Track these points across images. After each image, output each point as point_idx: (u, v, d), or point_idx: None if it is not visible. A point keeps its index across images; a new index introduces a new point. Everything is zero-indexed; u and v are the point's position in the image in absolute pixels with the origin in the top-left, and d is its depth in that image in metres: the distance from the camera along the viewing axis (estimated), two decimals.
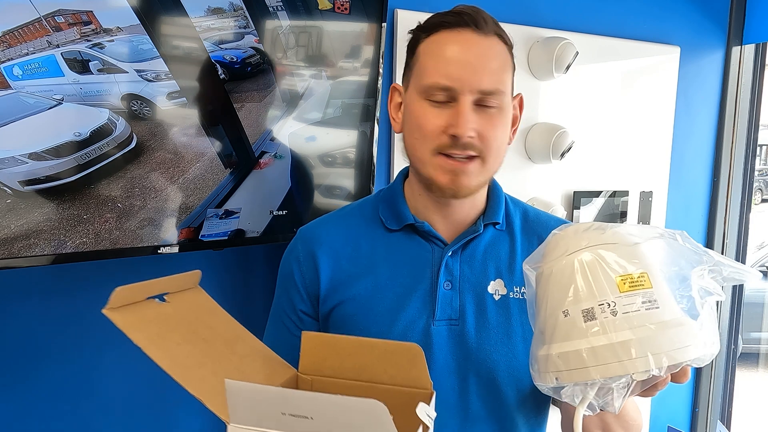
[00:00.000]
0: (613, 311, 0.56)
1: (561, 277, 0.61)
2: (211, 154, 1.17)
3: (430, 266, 0.89)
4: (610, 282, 0.57)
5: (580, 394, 0.60)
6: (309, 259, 0.92)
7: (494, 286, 0.89)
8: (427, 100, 0.84)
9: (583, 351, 0.57)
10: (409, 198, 0.93)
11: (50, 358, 1.21)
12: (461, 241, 0.90)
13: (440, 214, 0.90)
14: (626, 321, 0.56)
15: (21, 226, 0.98)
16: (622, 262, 0.58)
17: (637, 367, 0.55)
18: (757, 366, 3.97)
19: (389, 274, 0.89)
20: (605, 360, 0.56)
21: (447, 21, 0.84)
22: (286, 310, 0.94)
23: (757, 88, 2.07)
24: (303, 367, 0.68)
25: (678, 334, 0.56)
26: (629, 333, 0.55)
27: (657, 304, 0.56)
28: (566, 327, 0.59)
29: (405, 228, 0.91)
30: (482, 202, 0.93)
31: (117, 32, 1.02)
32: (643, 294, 0.56)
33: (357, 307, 0.89)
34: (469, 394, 0.87)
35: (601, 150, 1.82)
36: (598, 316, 0.57)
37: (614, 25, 1.81)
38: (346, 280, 0.90)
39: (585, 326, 0.57)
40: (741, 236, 2.12)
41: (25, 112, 0.97)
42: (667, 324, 0.56)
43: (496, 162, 0.87)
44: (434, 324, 0.87)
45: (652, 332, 0.55)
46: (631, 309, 0.56)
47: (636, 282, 0.57)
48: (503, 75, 0.85)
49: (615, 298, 0.56)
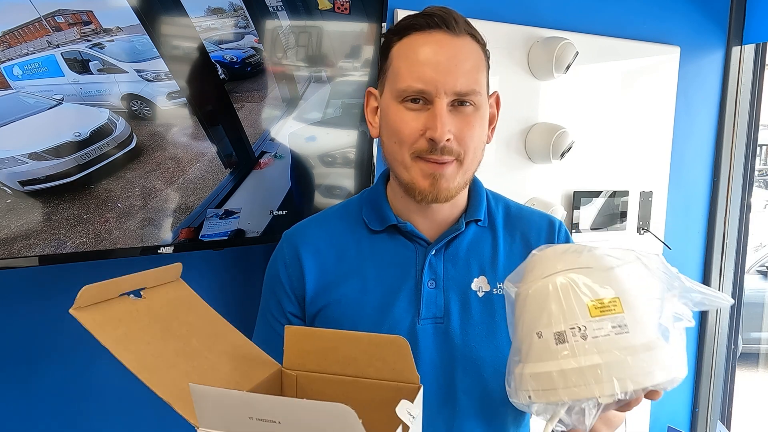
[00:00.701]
0: (583, 335, 0.58)
1: (536, 300, 0.63)
2: (211, 154, 1.17)
3: (414, 266, 0.90)
4: (581, 306, 0.59)
5: (550, 412, 0.62)
6: (295, 262, 0.92)
7: (477, 283, 0.90)
8: (403, 103, 0.84)
9: (553, 373, 0.59)
10: (391, 199, 0.94)
11: (50, 358, 1.21)
12: (444, 239, 0.90)
13: (422, 215, 0.91)
14: (595, 345, 0.58)
15: (21, 226, 0.98)
16: (595, 286, 0.60)
17: (604, 390, 0.57)
18: (757, 366, 3.97)
19: (374, 274, 0.90)
20: (574, 383, 0.58)
21: (417, 23, 0.84)
22: (274, 312, 0.95)
23: (757, 88, 2.07)
24: (287, 363, 0.67)
25: (645, 360, 0.57)
26: (597, 357, 0.57)
27: (627, 329, 0.58)
28: (539, 348, 0.61)
29: (388, 229, 0.92)
30: (463, 200, 0.93)
31: (117, 32, 1.02)
32: (613, 319, 0.58)
33: (344, 309, 0.89)
34: (456, 390, 0.88)
35: (601, 150, 1.82)
36: (569, 340, 0.59)
37: (614, 25, 1.81)
38: (332, 282, 0.91)
39: (556, 348, 0.59)
40: (741, 236, 2.12)
41: (25, 112, 0.97)
42: (636, 349, 0.58)
43: (473, 162, 0.88)
44: (420, 322, 0.88)
45: (619, 357, 0.57)
46: (600, 333, 0.58)
47: (607, 307, 0.59)
48: (477, 74, 0.85)
49: (585, 323, 0.58)
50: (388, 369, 0.61)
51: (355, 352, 0.63)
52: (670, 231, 1.99)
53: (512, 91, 1.64)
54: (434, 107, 0.82)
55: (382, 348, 0.61)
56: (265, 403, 0.48)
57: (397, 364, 0.60)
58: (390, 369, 0.61)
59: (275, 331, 0.94)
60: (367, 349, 0.62)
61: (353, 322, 0.88)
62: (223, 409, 0.50)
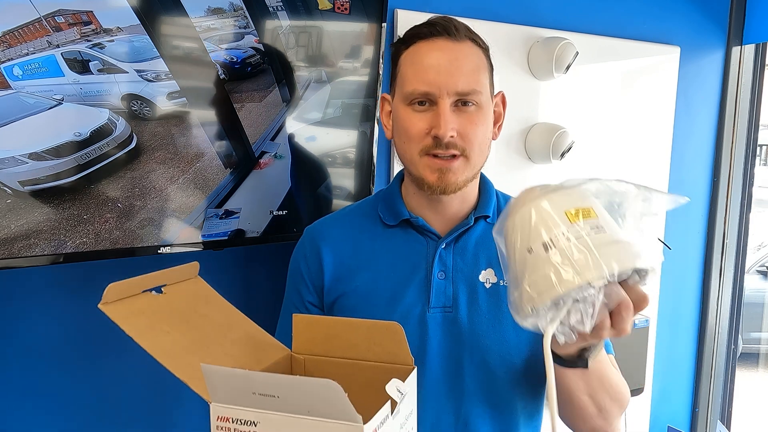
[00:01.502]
0: (567, 238, 0.67)
1: (521, 224, 0.71)
2: (211, 154, 1.17)
3: (425, 258, 0.96)
4: (561, 216, 0.68)
5: (552, 316, 0.69)
6: (314, 254, 0.99)
7: (485, 275, 0.95)
8: (410, 105, 0.91)
9: (548, 273, 0.67)
10: (405, 197, 1.00)
11: (50, 358, 1.21)
12: (454, 234, 0.96)
13: (433, 211, 0.97)
14: (580, 243, 0.66)
15: (21, 226, 0.98)
16: (568, 200, 0.69)
17: (594, 274, 0.65)
18: (757, 366, 3.97)
19: (387, 266, 0.96)
20: (567, 276, 0.66)
21: (421, 32, 0.92)
22: (295, 303, 1.01)
23: (757, 88, 2.07)
24: (296, 348, 0.73)
25: (624, 248, 0.67)
26: (584, 250, 0.66)
27: (604, 230, 0.67)
28: (532, 261, 0.69)
29: (401, 223, 0.98)
30: (473, 197, 0.99)
31: (117, 32, 1.02)
32: (589, 222, 0.67)
33: (358, 298, 0.96)
34: (464, 376, 0.93)
35: (601, 150, 1.82)
36: (556, 244, 0.67)
37: (614, 25, 1.81)
38: (348, 273, 0.97)
39: (547, 255, 0.67)
40: (741, 236, 2.12)
41: (25, 112, 0.97)
42: (615, 241, 0.67)
43: (480, 158, 0.94)
44: (429, 311, 0.94)
45: (603, 248, 0.66)
46: (583, 233, 0.67)
47: (582, 213, 0.68)
48: (478, 75, 0.91)
49: (567, 228, 0.67)
50: (384, 352, 0.67)
51: (355, 338, 0.69)
52: (670, 231, 1.99)
53: (512, 91, 1.62)
54: (438, 107, 0.89)
55: (379, 333, 0.68)
56: (266, 379, 0.55)
57: (393, 348, 0.67)
58: (386, 352, 0.67)
59: None
60: (366, 335, 0.68)
61: (367, 310, 0.94)
62: (230, 386, 0.56)
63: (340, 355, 0.70)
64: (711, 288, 2.12)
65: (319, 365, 0.72)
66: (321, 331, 0.72)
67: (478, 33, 0.94)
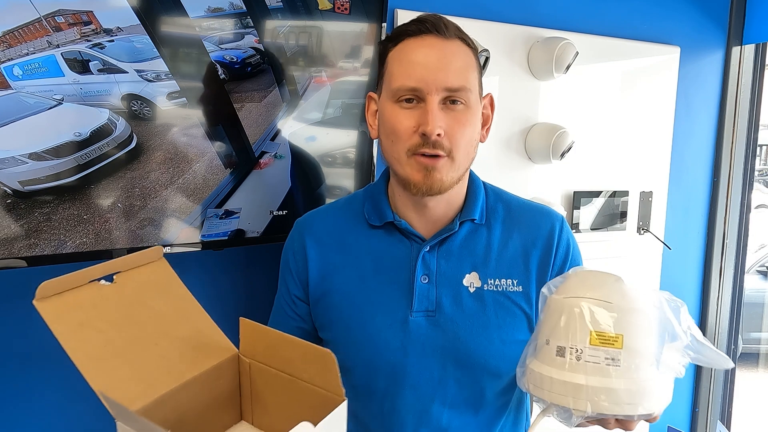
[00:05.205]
0: (578, 356, 0.69)
1: (556, 313, 0.73)
2: (211, 154, 1.17)
3: (408, 261, 0.95)
4: (585, 332, 0.69)
5: (543, 405, 0.73)
6: (300, 248, 1.00)
7: (469, 279, 0.94)
8: (398, 103, 0.89)
9: (547, 377, 0.71)
10: (390, 197, 0.99)
11: (50, 358, 1.21)
12: (438, 237, 0.95)
13: (418, 213, 0.96)
14: (585, 368, 0.69)
15: (21, 226, 0.98)
16: (605, 320, 0.70)
17: (578, 406, 0.69)
18: (757, 366, 3.97)
19: (371, 267, 0.95)
20: (558, 391, 0.70)
21: (410, 30, 0.90)
22: (283, 294, 1.02)
23: (757, 88, 2.07)
24: (243, 350, 0.71)
25: (620, 394, 0.68)
26: (583, 378, 0.69)
27: (619, 364, 0.68)
28: (545, 352, 0.73)
29: (386, 225, 0.97)
30: (459, 200, 0.97)
31: (117, 32, 1.02)
32: (609, 352, 0.68)
33: (342, 297, 0.96)
34: (448, 380, 0.93)
35: (601, 150, 1.82)
36: (566, 356, 0.70)
37: (614, 25, 1.81)
38: (332, 271, 0.97)
39: (555, 359, 0.71)
40: (741, 236, 2.12)
41: (25, 112, 0.97)
42: (618, 383, 0.68)
43: (466, 159, 0.91)
44: (412, 315, 0.93)
45: (600, 385, 0.68)
46: (593, 360, 0.69)
47: (608, 340, 0.69)
48: (467, 73, 0.89)
49: (584, 347, 0.69)
50: (317, 378, 0.65)
51: (292, 354, 0.67)
52: (670, 231, 1.99)
53: (512, 91, 1.64)
54: (426, 104, 0.87)
55: (313, 357, 0.64)
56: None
57: (325, 375, 0.64)
58: (319, 378, 0.64)
59: (284, 311, 1.01)
60: (302, 356, 0.66)
61: (350, 312, 0.94)
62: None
63: (279, 367, 0.68)
64: (711, 288, 2.12)
65: (262, 373, 0.70)
66: (263, 340, 0.69)
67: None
